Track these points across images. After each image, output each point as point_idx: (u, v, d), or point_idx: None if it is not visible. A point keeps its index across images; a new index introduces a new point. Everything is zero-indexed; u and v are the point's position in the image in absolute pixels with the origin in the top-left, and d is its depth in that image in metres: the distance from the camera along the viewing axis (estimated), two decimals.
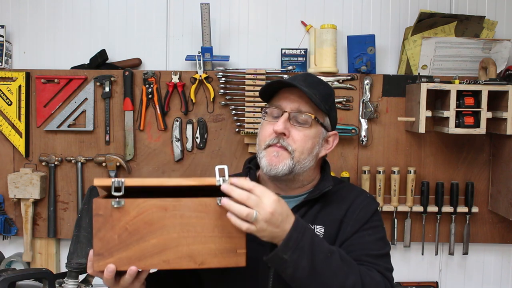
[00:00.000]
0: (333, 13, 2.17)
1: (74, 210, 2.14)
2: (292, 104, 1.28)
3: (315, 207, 1.31)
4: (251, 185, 1.07)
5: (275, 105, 1.30)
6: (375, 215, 1.33)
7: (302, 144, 1.28)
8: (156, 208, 1.07)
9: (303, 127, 1.28)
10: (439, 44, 2.05)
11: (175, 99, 2.11)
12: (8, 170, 2.13)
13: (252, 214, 1.04)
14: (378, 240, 1.29)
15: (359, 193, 1.38)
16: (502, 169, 2.01)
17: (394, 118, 2.07)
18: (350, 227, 1.28)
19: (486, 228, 2.13)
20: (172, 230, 1.08)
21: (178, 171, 2.12)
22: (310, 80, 1.32)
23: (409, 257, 2.20)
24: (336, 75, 2.09)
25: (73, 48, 2.19)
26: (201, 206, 1.09)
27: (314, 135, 1.30)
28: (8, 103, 2.10)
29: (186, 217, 1.08)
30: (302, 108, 1.28)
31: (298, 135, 1.27)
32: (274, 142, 1.27)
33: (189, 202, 1.08)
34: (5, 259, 2.14)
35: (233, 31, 2.19)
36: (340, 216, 1.30)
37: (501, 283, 2.21)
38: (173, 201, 1.08)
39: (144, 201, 1.07)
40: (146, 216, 1.07)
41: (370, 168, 2.08)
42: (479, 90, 1.87)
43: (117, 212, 1.06)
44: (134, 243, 1.07)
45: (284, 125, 1.26)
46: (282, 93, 1.31)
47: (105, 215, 1.06)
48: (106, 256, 1.06)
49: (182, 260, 1.08)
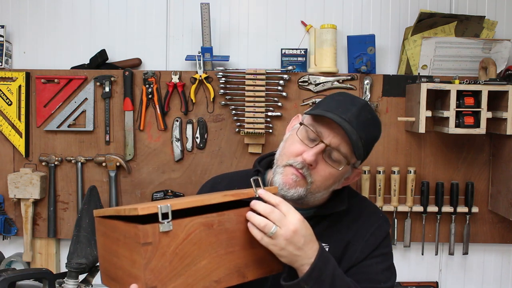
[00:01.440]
0: (333, 13, 2.17)
1: (74, 210, 2.14)
2: (334, 139, 1.18)
3: (322, 223, 1.26)
4: (277, 201, 1.05)
5: (316, 131, 1.19)
6: (386, 240, 1.27)
7: (324, 181, 1.20)
8: (203, 227, 1.01)
9: (333, 166, 1.19)
10: (439, 44, 2.05)
11: (175, 99, 2.11)
12: (8, 170, 2.13)
13: (270, 226, 1.02)
14: (386, 270, 1.24)
15: (371, 213, 1.31)
16: (502, 169, 2.01)
17: (394, 118, 2.07)
18: (359, 253, 1.23)
19: (486, 228, 2.13)
20: (219, 247, 1.03)
21: (178, 171, 2.12)
22: (363, 118, 1.20)
23: (409, 257, 2.20)
24: (336, 75, 2.09)
25: (73, 48, 2.19)
26: (242, 217, 1.05)
27: (339, 175, 1.22)
28: (8, 103, 2.11)
29: (231, 231, 1.04)
30: (341, 148, 1.18)
31: (324, 171, 1.19)
32: (297, 166, 1.19)
33: (232, 215, 1.04)
34: (5, 259, 2.14)
35: (233, 31, 2.19)
36: (348, 237, 1.25)
37: (501, 283, 2.21)
38: (217, 216, 1.03)
39: (191, 221, 1.00)
40: (194, 237, 1.00)
41: (370, 168, 2.08)
42: (479, 90, 1.87)
43: (166, 237, 0.97)
44: (186, 268, 1.00)
45: (315, 157, 1.17)
46: (329, 120, 1.18)
47: (154, 243, 0.96)
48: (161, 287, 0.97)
49: (231, 277, 1.05)
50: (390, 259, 1.27)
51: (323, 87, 2.08)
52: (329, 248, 1.23)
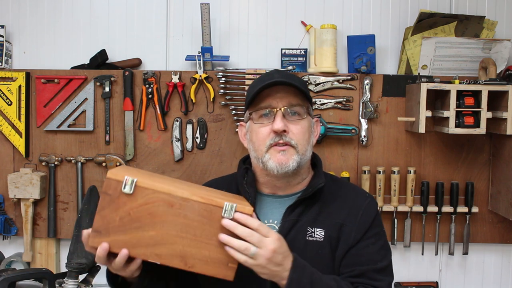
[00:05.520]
0: (333, 13, 2.17)
1: (74, 210, 2.14)
2: (282, 100, 1.28)
3: (314, 208, 1.31)
4: (257, 225, 1.10)
5: (265, 107, 1.29)
6: (377, 218, 1.34)
7: (302, 136, 1.29)
8: (163, 202, 1.08)
9: (299, 120, 1.29)
10: (439, 44, 2.05)
11: (175, 99, 2.11)
12: (8, 170, 2.13)
13: (250, 248, 1.07)
14: (381, 249, 1.30)
15: (358, 194, 1.38)
16: (502, 169, 2.01)
17: (394, 118, 2.07)
18: (354, 233, 1.29)
19: (486, 228, 2.13)
20: (172, 227, 1.08)
21: (178, 171, 2.12)
22: (285, 74, 1.33)
23: (409, 257, 2.20)
24: (336, 75, 2.09)
25: (73, 48, 2.19)
26: (206, 212, 1.09)
27: (308, 125, 1.31)
28: (8, 103, 2.10)
29: (189, 219, 1.09)
30: (292, 101, 1.28)
31: (296, 129, 1.28)
32: (276, 140, 1.27)
33: (196, 205, 1.09)
34: (5, 259, 2.14)
35: (233, 31, 2.19)
36: (340, 219, 1.30)
37: (501, 283, 2.21)
38: (181, 200, 1.08)
39: (153, 193, 1.07)
40: (152, 207, 1.07)
41: (370, 168, 2.08)
42: (479, 90, 1.87)
43: (125, 197, 1.07)
44: (133, 229, 1.08)
45: (282, 122, 1.25)
46: (265, 94, 1.29)
47: (113, 196, 1.07)
48: (104, 234, 1.07)
49: (173, 258, 1.09)
50: (383, 237, 1.34)
51: (323, 87, 2.08)
52: (325, 232, 1.28)
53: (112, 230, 1.07)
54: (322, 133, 2.03)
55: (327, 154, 2.10)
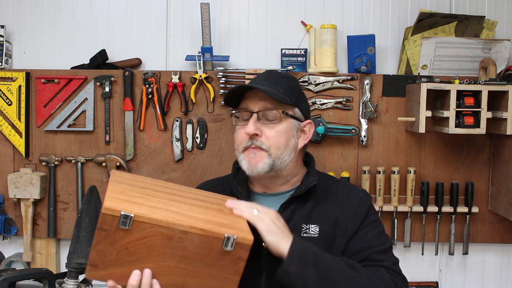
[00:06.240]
0: (333, 13, 2.17)
1: (74, 210, 2.14)
2: (258, 104, 1.32)
3: (307, 205, 1.33)
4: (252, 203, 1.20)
5: (243, 109, 1.34)
6: (371, 209, 1.36)
7: (276, 140, 1.31)
8: (162, 236, 1.04)
9: (274, 124, 1.31)
10: (439, 44, 2.05)
11: (175, 99, 2.11)
12: (8, 170, 2.13)
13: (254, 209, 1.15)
14: (379, 234, 1.32)
15: (351, 189, 1.41)
16: (502, 169, 2.01)
17: (394, 118, 2.07)
18: (351, 226, 1.31)
19: (486, 228, 2.13)
20: (171, 259, 1.06)
21: (178, 171, 2.12)
22: (272, 77, 1.35)
23: (409, 257, 2.20)
24: (336, 75, 2.09)
25: (73, 48, 2.19)
26: (206, 244, 1.06)
27: (286, 129, 1.33)
28: (8, 103, 2.10)
29: (188, 250, 1.06)
30: (268, 105, 1.31)
31: (270, 132, 1.31)
32: (248, 144, 1.31)
33: (195, 237, 1.06)
34: (5, 259, 2.14)
35: (233, 31, 2.19)
36: (335, 214, 1.32)
37: (501, 283, 2.21)
38: (180, 233, 1.05)
39: (151, 227, 1.03)
40: (150, 241, 1.04)
41: (370, 168, 2.08)
42: (479, 90, 1.87)
43: (121, 231, 1.03)
44: (130, 262, 1.05)
45: (254, 126, 1.29)
46: (247, 96, 1.35)
47: (109, 231, 1.03)
48: (100, 268, 1.05)
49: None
50: (381, 225, 1.36)
51: (323, 87, 2.08)
52: (320, 228, 1.30)
53: (109, 263, 1.04)
54: (322, 133, 2.03)
55: (327, 154, 2.10)
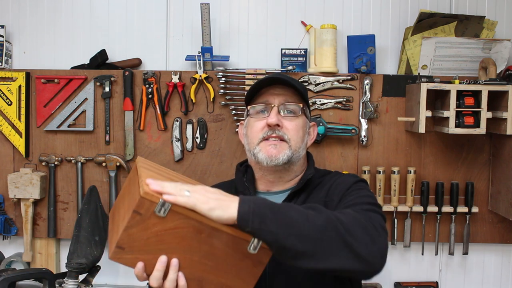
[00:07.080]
0: (333, 13, 2.17)
1: (74, 210, 2.14)
2: (279, 97, 1.35)
3: (301, 196, 1.35)
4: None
5: (262, 102, 1.36)
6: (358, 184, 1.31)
7: (296, 133, 1.33)
8: (193, 229, 1.05)
9: (293, 117, 1.35)
10: (439, 44, 2.05)
11: (175, 99, 2.11)
12: (8, 170, 2.13)
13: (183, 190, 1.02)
14: (367, 196, 1.25)
15: (342, 175, 1.42)
16: (502, 169, 2.01)
17: (394, 118, 2.07)
18: (337, 197, 1.28)
19: (486, 228, 2.13)
20: (196, 253, 1.07)
21: (178, 171, 2.11)
22: (286, 77, 1.38)
23: (409, 257, 2.20)
24: (336, 75, 2.09)
25: (73, 48, 2.19)
26: (232, 244, 1.07)
27: (302, 124, 1.36)
28: (8, 103, 2.10)
29: (215, 247, 1.07)
30: (289, 99, 1.35)
31: (290, 125, 1.33)
32: (269, 134, 1.32)
33: (224, 236, 1.06)
34: (5, 259, 2.14)
35: (233, 31, 2.19)
36: (323, 197, 1.33)
37: (501, 283, 2.21)
38: (211, 229, 1.05)
39: (185, 218, 1.03)
40: (180, 232, 1.04)
41: (370, 168, 2.08)
42: (479, 90, 1.87)
43: (156, 219, 1.02)
44: (157, 250, 1.05)
45: (276, 117, 1.31)
46: (264, 92, 1.36)
47: (144, 216, 1.02)
48: (127, 251, 1.04)
49: (190, 281, 1.08)
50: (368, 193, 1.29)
51: (323, 87, 2.08)
52: None
53: (136, 248, 1.04)
54: (322, 133, 2.03)
55: (327, 154, 2.10)
